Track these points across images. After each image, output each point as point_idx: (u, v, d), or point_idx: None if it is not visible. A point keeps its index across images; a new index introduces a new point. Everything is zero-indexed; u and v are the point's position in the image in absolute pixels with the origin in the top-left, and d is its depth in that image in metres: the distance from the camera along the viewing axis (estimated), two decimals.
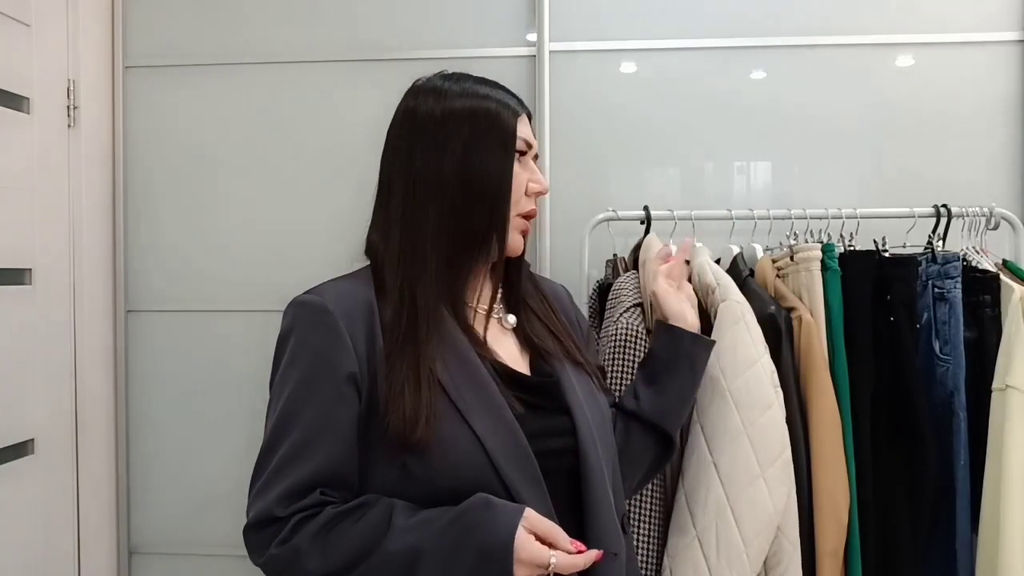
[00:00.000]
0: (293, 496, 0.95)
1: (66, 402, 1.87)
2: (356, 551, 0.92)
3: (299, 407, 0.97)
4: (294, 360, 0.99)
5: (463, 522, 0.91)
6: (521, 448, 0.98)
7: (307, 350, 0.99)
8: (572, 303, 1.27)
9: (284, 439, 0.97)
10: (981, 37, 1.86)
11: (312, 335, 0.99)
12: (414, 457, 0.95)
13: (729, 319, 1.34)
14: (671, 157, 1.95)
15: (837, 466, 1.39)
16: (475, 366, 1.02)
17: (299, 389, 0.98)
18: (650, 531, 1.36)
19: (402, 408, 0.95)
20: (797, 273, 1.50)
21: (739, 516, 1.28)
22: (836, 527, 1.37)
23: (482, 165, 1.04)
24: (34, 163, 1.76)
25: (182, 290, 2.03)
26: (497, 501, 0.93)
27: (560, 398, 1.06)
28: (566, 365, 1.11)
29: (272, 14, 2.00)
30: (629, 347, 1.39)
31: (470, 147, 1.03)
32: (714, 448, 1.30)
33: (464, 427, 0.97)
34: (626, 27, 1.93)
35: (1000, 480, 1.35)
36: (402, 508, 0.94)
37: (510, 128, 1.06)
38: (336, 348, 0.98)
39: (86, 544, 1.91)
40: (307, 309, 1.01)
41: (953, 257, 1.51)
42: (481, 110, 1.05)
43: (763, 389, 1.31)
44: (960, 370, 1.46)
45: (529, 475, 0.98)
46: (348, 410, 0.97)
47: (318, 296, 1.01)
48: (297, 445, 0.96)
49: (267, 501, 0.95)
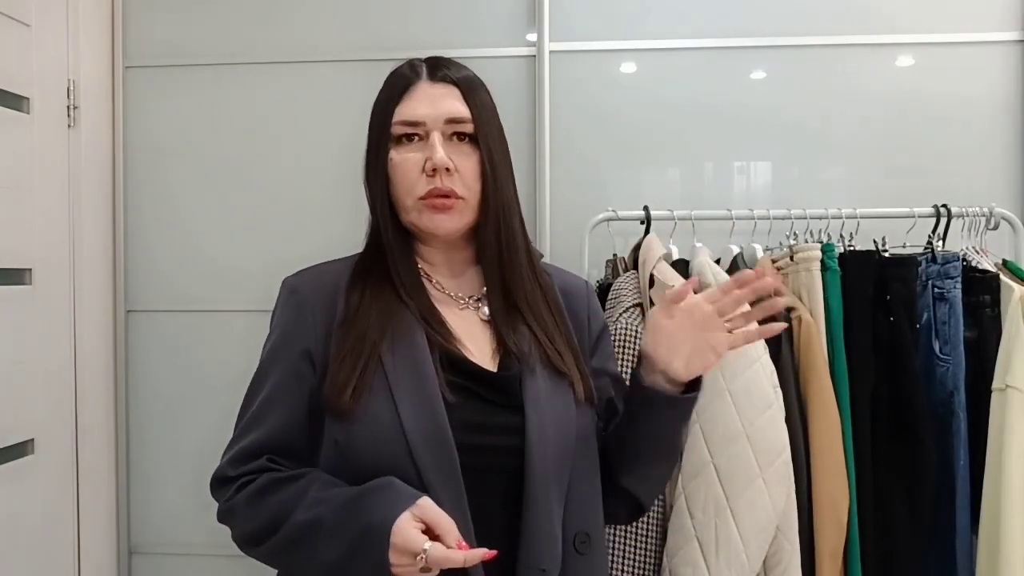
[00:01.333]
0: (242, 459, 1.00)
1: (66, 402, 1.87)
2: (273, 517, 0.95)
3: (262, 379, 1.04)
4: (269, 336, 1.06)
5: (362, 501, 0.91)
6: (441, 435, 0.94)
7: (277, 327, 1.05)
8: (589, 301, 1.16)
9: (248, 408, 1.04)
10: (981, 37, 1.86)
11: (282, 313, 1.06)
12: (343, 428, 0.97)
13: None
14: (671, 157, 1.95)
15: (837, 466, 1.39)
16: (419, 348, 0.99)
17: (265, 363, 1.05)
18: (648, 530, 1.35)
19: (335, 376, 0.98)
20: (797, 273, 1.50)
21: (738, 516, 1.28)
22: (836, 527, 1.37)
23: (371, 155, 1.07)
24: (34, 163, 1.76)
25: (182, 290, 2.03)
26: (399, 484, 0.91)
27: (515, 395, 1.00)
28: (540, 368, 1.02)
29: (272, 14, 2.00)
30: (629, 347, 1.40)
31: (370, 131, 1.08)
32: (713, 448, 1.30)
33: (390, 405, 0.96)
34: (626, 27, 1.93)
35: (1000, 480, 1.35)
36: (323, 482, 0.96)
37: (386, 111, 1.05)
38: (297, 324, 1.03)
39: (86, 544, 1.91)
40: (283, 288, 1.07)
41: (953, 257, 1.52)
42: (377, 101, 1.08)
43: (762, 389, 1.31)
44: (960, 370, 1.46)
45: (446, 464, 0.93)
46: (301, 384, 1.01)
47: (297, 276, 1.08)
48: (254, 413, 1.02)
49: (224, 461, 1.02)
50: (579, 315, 1.13)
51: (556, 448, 0.99)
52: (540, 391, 1.01)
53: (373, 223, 1.09)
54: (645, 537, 1.35)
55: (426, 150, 1.02)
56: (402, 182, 1.03)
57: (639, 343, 1.36)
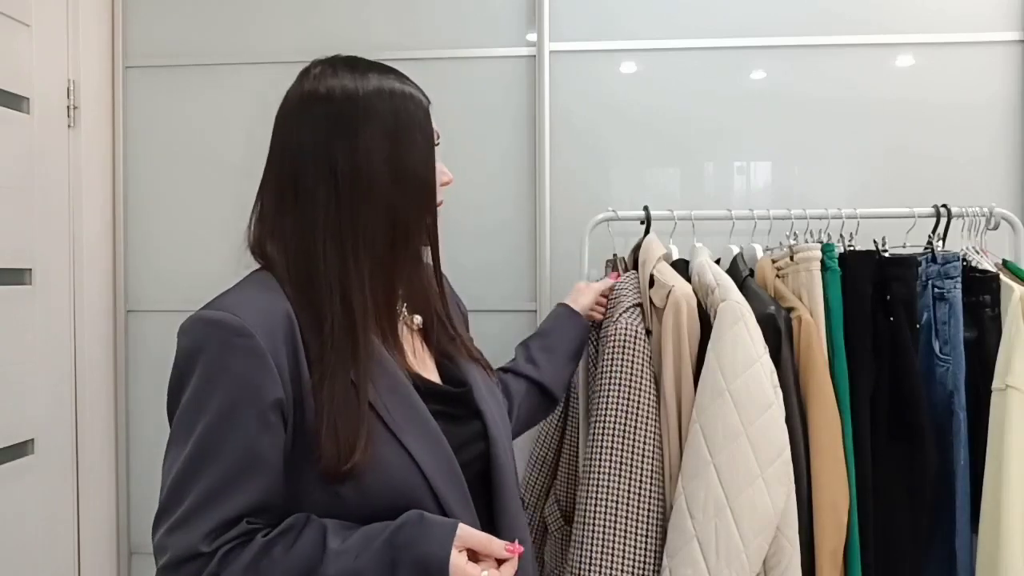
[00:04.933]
0: (219, 530, 0.88)
1: (66, 402, 1.87)
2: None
3: (220, 438, 0.89)
4: (209, 385, 0.89)
5: (398, 538, 0.89)
6: (451, 464, 0.98)
7: (226, 375, 0.89)
8: (449, 285, 1.22)
9: (203, 472, 0.88)
10: (981, 37, 1.86)
11: (231, 359, 0.89)
12: (349, 482, 0.92)
13: (729, 319, 1.34)
14: (671, 157, 1.95)
15: (837, 466, 1.39)
16: (402, 383, 0.99)
17: (219, 419, 0.89)
18: (648, 530, 1.35)
19: (335, 437, 0.91)
20: (797, 273, 1.50)
21: (738, 516, 1.28)
22: (836, 527, 1.37)
23: (411, 158, 1.00)
24: (34, 163, 1.76)
25: (182, 290, 2.03)
26: (430, 516, 0.93)
27: (472, 404, 1.06)
28: (468, 363, 1.11)
29: (272, 14, 2.00)
30: (629, 347, 1.39)
31: (398, 139, 0.99)
32: (713, 448, 1.30)
33: (398, 448, 0.94)
34: (626, 27, 1.93)
35: (1000, 480, 1.35)
36: (334, 529, 0.91)
37: (427, 119, 1.04)
38: (260, 373, 0.89)
39: (86, 544, 1.91)
40: (222, 329, 0.90)
41: (953, 257, 1.51)
42: (400, 98, 1.01)
43: (762, 389, 1.31)
44: (960, 370, 1.46)
45: (459, 491, 0.98)
46: (274, 438, 0.91)
47: (232, 314, 0.91)
48: (223, 479, 0.88)
49: (190, 538, 0.87)
50: (450, 297, 1.22)
51: (506, 441, 1.09)
52: (483, 391, 1.09)
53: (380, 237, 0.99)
54: (645, 537, 1.35)
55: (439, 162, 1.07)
56: (434, 189, 1.04)
57: (639, 343, 1.37)
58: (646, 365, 1.40)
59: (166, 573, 0.89)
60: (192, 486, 0.88)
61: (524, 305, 1.94)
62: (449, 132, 1.96)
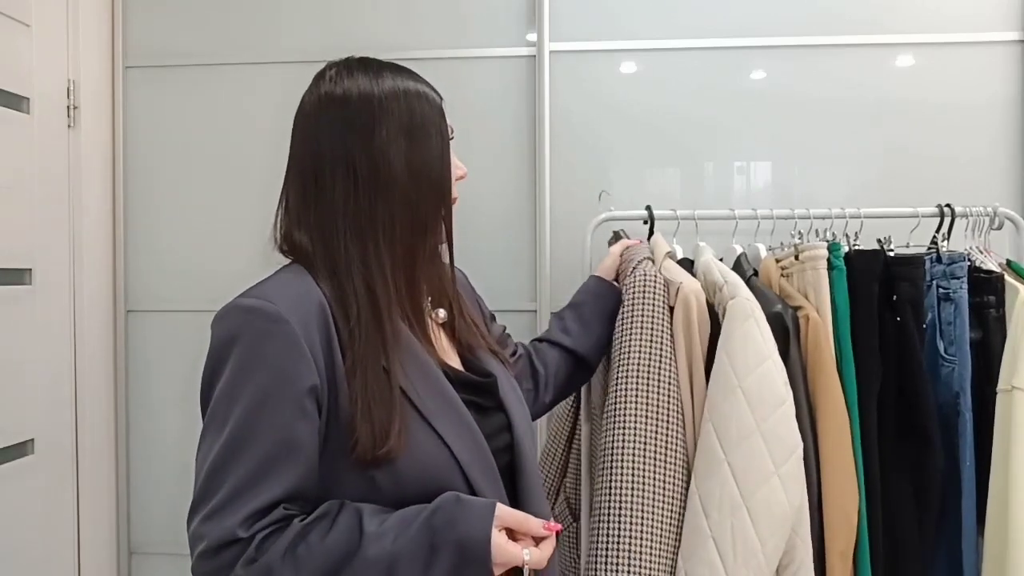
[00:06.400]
0: (256, 516, 0.89)
1: (66, 402, 1.87)
2: (331, 562, 0.89)
3: (256, 426, 0.90)
4: (245, 372, 0.91)
5: (436, 520, 0.91)
6: (483, 451, 1.00)
7: (261, 363, 0.91)
8: (469, 283, 1.31)
9: (239, 460, 0.90)
10: (981, 37, 1.86)
11: (266, 346, 0.91)
12: (384, 467, 0.93)
13: (740, 315, 1.32)
14: (672, 157, 1.95)
15: (846, 466, 1.37)
16: (432, 369, 1.01)
17: (255, 406, 0.90)
18: (663, 532, 1.32)
19: (371, 423, 0.92)
20: (803, 272, 1.49)
21: (754, 515, 1.26)
22: (846, 527, 1.36)
23: (427, 155, 1.03)
24: (34, 163, 1.76)
25: (182, 290, 2.02)
26: (466, 497, 0.95)
27: (496, 395, 1.08)
28: (488, 357, 1.13)
29: (272, 15, 2.00)
30: (649, 291, 1.40)
31: (413, 136, 1.02)
32: (726, 446, 1.28)
33: (431, 434, 0.96)
34: (626, 27, 1.93)
35: (1007, 482, 1.34)
36: (370, 513, 0.92)
37: (441, 116, 1.06)
38: (295, 360, 0.91)
39: (86, 544, 1.90)
40: (258, 316, 0.92)
41: (959, 257, 1.50)
42: (414, 97, 1.03)
43: (775, 385, 1.29)
44: (966, 371, 1.44)
45: (491, 476, 1.00)
46: (310, 426, 0.92)
47: (268, 302, 0.93)
48: (259, 467, 0.90)
49: (226, 525, 0.89)
50: (471, 295, 1.28)
51: (529, 435, 1.11)
52: (506, 384, 1.11)
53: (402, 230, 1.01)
54: (660, 537, 1.32)
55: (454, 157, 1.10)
56: (450, 183, 1.08)
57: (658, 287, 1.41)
58: (665, 310, 1.39)
59: (203, 561, 0.90)
60: (228, 474, 0.90)
61: (524, 305, 1.94)
62: None
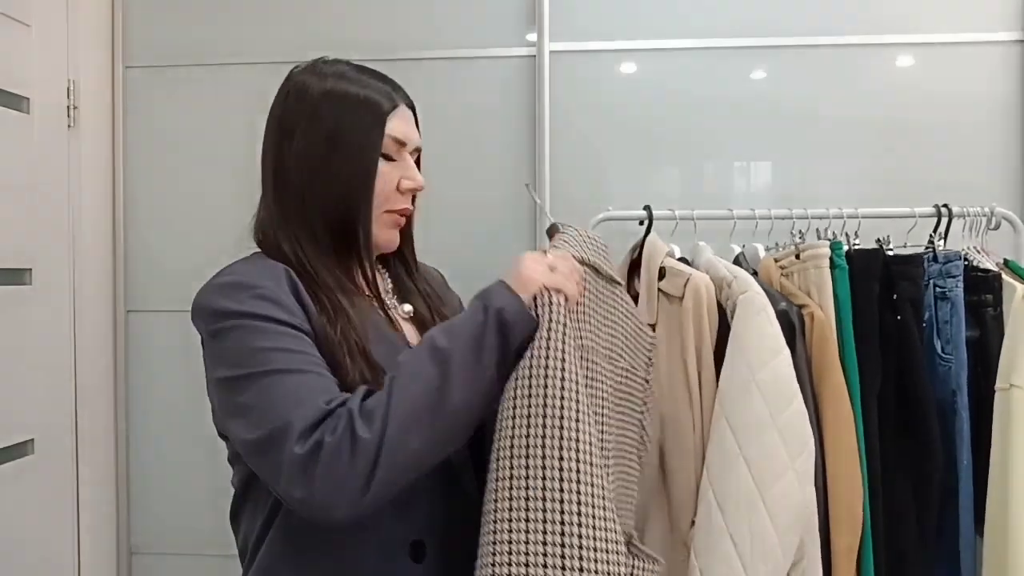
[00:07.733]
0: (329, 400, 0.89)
1: (66, 402, 1.87)
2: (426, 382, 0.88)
3: (277, 361, 0.91)
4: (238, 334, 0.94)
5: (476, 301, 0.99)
6: None
7: (252, 319, 0.94)
8: (446, 285, 1.30)
9: (279, 388, 0.89)
10: (981, 37, 1.86)
11: (250, 306, 0.95)
12: None
13: (752, 309, 1.30)
14: (671, 157, 1.95)
15: (852, 463, 1.37)
16: (398, 346, 1.04)
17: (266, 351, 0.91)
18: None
19: (347, 344, 0.97)
20: (805, 271, 1.48)
21: (771, 509, 1.24)
22: (851, 524, 1.36)
23: (346, 159, 1.03)
24: (34, 163, 1.76)
25: (182, 290, 2.01)
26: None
27: None
28: None
29: (272, 14, 2.00)
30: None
31: (334, 147, 1.02)
32: (741, 440, 1.26)
33: None
34: (626, 27, 1.93)
35: (1006, 481, 1.33)
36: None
37: (378, 123, 1.04)
38: (278, 310, 0.94)
39: (86, 544, 1.90)
40: (232, 287, 0.98)
41: (955, 256, 1.51)
42: (348, 106, 1.03)
43: (788, 379, 1.27)
44: (962, 369, 1.45)
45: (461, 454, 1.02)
46: (312, 346, 0.95)
47: (238, 276, 1.00)
48: (300, 379, 0.90)
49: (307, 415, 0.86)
50: (445, 296, 1.25)
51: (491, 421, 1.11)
52: None
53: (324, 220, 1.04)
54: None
55: (401, 169, 1.07)
56: (380, 193, 1.05)
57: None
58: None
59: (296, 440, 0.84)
60: (278, 404, 0.88)
61: None
62: (449, 132, 1.98)
